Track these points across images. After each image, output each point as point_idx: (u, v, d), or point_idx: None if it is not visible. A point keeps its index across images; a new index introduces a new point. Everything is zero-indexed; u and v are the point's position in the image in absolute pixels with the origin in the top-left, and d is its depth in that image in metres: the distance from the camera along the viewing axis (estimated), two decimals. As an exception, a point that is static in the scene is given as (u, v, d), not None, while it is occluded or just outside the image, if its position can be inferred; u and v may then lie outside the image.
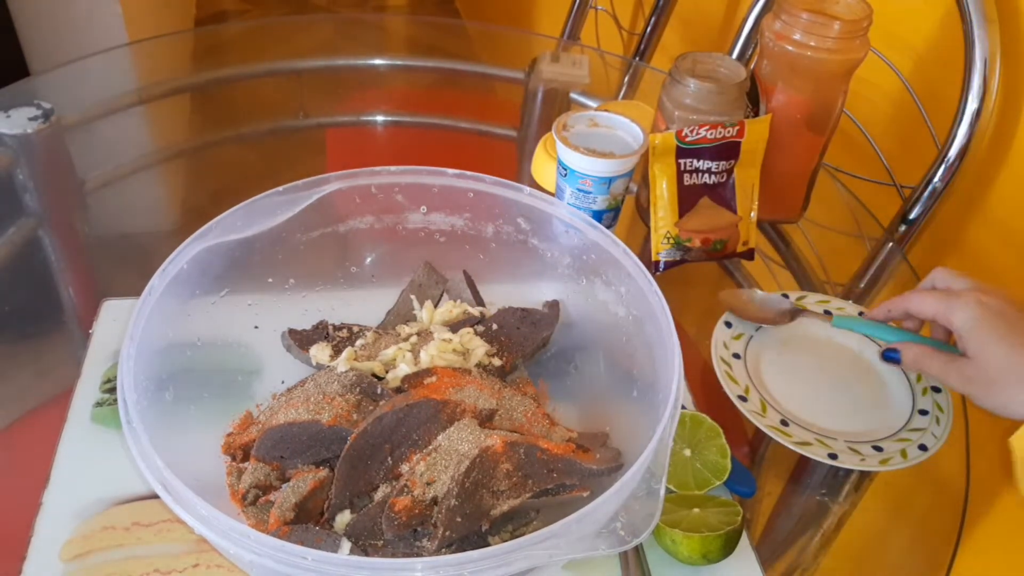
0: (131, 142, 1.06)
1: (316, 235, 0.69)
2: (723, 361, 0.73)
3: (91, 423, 0.65)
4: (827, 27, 0.78)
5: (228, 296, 0.65)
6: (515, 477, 0.54)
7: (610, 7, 1.54)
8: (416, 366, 0.63)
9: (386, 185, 0.69)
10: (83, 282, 0.85)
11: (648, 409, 0.57)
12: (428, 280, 0.73)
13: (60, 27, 1.75)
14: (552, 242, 0.69)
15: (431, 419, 0.56)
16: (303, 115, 1.13)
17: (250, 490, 0.57)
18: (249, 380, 0.67)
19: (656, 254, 0.83)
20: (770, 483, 0.69)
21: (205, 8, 2.89)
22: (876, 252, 0.95)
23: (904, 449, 0.67)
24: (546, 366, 0.70)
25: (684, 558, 0.58)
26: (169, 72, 1.20)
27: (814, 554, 0.64)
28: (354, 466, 0.56)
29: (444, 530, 0.51)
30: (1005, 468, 0.86)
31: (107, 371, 0.69)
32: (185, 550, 0.58)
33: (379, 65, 1.22)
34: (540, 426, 0.60)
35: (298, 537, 0.52)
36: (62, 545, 0.57)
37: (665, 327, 0.57)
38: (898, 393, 0.73)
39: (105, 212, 0.95)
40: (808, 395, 0.72)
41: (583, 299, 0.69)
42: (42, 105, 0.96)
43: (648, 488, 0.49)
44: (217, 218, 0.62)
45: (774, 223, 0.94)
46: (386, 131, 1.12)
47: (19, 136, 0.93)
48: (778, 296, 0.79)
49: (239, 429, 0.62)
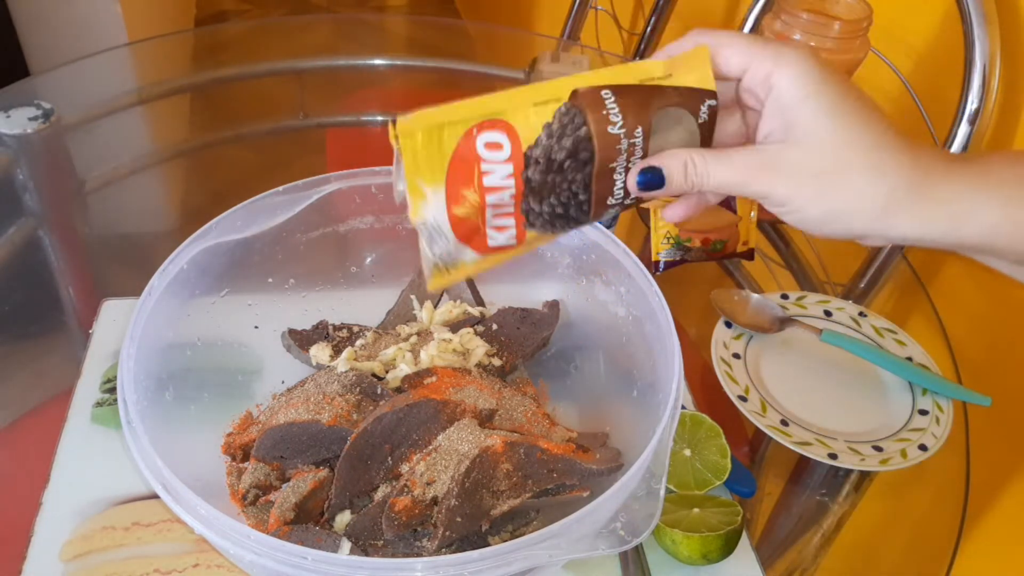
0: (131, 142, 1.06)
1: (316, 235, 0.69)
2: (723, 361, 0.73)
3: (91, 423, 0.65)
4: (827, 27, 0.78)
5: (228, 296, 0.65)
6: (515, 477, 0.54)
7: (610, 7, 1.54)
8: (416, 366, 0.63)
9: (386, 185, 0.69)
10: (83, 282, 0.85)
11: (648, 409, 0.56)
12: (428, 280, 0.73)
13: (60, 27, 1.75)
14: (552, 242, 0.69)
15: (431, 419, 0.56)
16: (303, 115, 1.13)
17: (250, 490, 0.57)
18: (249, 380, 0.67)
19: (656, 254, 0.83)
20: (770, 483, 0.69)
21: (205, 8, 2.89)
22: (876, 252, 0.94)
23: (904, 449, 0.67)
24: (546, 366, 0.70)
25: (684, 558, 0.58)
26: (169, 72, 1.20)
27: (814, 554, 0.64)
28: (354, 466, 0.56)
29: (444, 530, 0.51)
30: (1005, 468, 0.86)
31: (107, 371, 0.69)
32: (185, 550, 0.58)
33: (379, 65, 1.22)
34: (540, 426, 0.60)
35: (298, 537, 0.52)
36: (62, 545, 0.57)
37: (665, 327, 0.57)
38: (898, 393, 0.73)
39: (105, 212, 0.95)
40: (808, 395, 0.72)
41: (583, 299, 0.69)
42: (42, 105, 0.96)
43: (648, 488, 0.49)
44: (217, 218, 0.62)
45: (774, 223, 0.94)
46: (386, 131, 1.12)
47: (19, 136, 0.93)
48: (771, 302, 0.79)
49: (239, 429, 0.62)
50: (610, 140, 0.43)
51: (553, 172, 0.44)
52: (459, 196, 0.44)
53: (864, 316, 0.79)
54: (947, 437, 0.68)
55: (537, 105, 0.43)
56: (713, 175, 0.43)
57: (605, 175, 0.44)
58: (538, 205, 0.45)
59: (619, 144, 0.43)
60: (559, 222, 0.46)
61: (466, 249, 0.46)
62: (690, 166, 0.43)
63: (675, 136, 0.44)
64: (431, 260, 0.46)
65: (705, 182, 0.43)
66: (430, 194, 0.44)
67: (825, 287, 0.88)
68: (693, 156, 0.43)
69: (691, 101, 0.44)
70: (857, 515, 0.67)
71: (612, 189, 0.45)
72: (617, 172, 0.44)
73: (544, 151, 0.43)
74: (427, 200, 0.44)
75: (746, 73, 0.43)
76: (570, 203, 0.45)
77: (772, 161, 0.42)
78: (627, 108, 0.43)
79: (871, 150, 0.40)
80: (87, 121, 1.04)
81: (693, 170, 0.43)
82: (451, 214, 0.44)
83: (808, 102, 0.41)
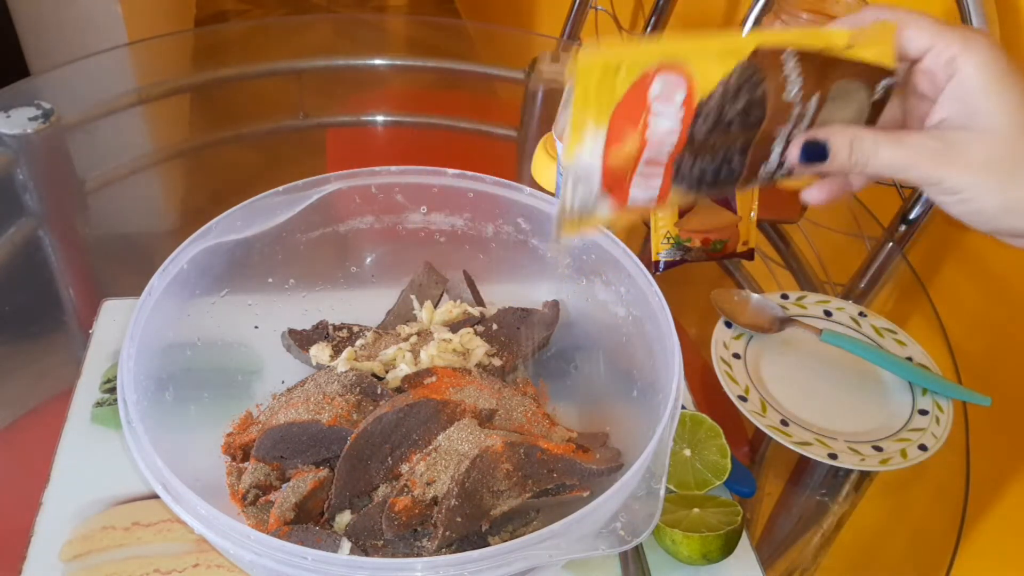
0: (131, 142, 1.06)
1: (316, 235, 0.69)
2: (723, 361, 0.73)
3: (91, 423, 0.65)
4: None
5: (228, 296, 0.65)
6: (515, 477, 0.54)
7: (610, 7, 1.54)
8: (416, 366, 0.63)
9: (386, 185, 0.69)
10: (83, 282, 0.85)
11: (648, 409, 0.56)
12: (428, 280, 0.73)
13: (60, 27, 1.75)
14: (552, 242, 0.69)
15: (431, 419, 0.56)
16: (303, 115, 1.13)
17: (250, 490, 0.57)
18: (249, 380, 0.67)
19: (656, 254, 0.83)
20: (770, 483, 0.69)
21: (205, 8, 2.89)
22: (876, 252, 0.94)
23: (904, 449, 0.67)
24: (546, 366, 0.70)
25: (684, 558, 0.58)
26: (169, 72, 1.20)
27: (814, 554, 0.64)
28: (354, 466, 0.56)
29: (444, 530, 0.51)
30: (1005, 468, 0.86)
31: (107, 371, 0.69)
32: (185, 550, 0.58)
33: (379, 65, 1.22)
34: (540, 426, 0.60)
35: (298, 537, 0.52)
36: (62, 545, 0.57)
37: (665, 327, 0.57)
38: (898, 393, 0.73)
39: (105, 212, 0.95)
40: (808, 395, 0.72)
41: (583, 299, 0.69)
42: (42, 105, 0.96)
43: (648, 488, 0.49)
44: (217, 218, 0.62)
45: (774, 223, 0.94)
46: (386, 131, 1.12)
47: (19, 136, 0.93)
48: (771, 301, 0.79)
49: (239, 429, 0.62)
50: (783, 107, 0.41)
51: (719, 130, 0.41)
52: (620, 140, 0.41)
53: (864, 316, 0.79)
54: (947, 437, 0.68)
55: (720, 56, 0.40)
56: (881, 155, 0.41)
57: (766, 142, 0.42)
58: (691, 162, 0.43)
59: (791, 111, 0.41)
60: (706, 184, 0.44)
61: (606, 200, 0.43)
62: (857, 143, 0.41)
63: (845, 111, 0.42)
64: (569, 206, 0.43)
65: (871, 162, 0.41)
66: (591, 134, 0.41)
67: (825, 287, 0.88)
68: (862, 133, 0.41)
69: (870, 76, 0.42)
70: (857, 515, 0.67)
71: (769, 157, 0.43)
72: (778, 141, 0.42)
73: (716, 106, 0.41)
74: (585, 140, 0.41)
75: (928, 53, 0.41)
76: (722, 166, 0.43)
77: (950, 147, 0.40)
78: (808, 75, 0.41)
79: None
80: (87, 121, 1.04)
81: (860, 147, 0.41)
82: (606, 159, 0.42)
83: (996, 90, 0.39)
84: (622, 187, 0.43)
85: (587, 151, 0.42)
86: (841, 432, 0.69)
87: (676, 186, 0.44)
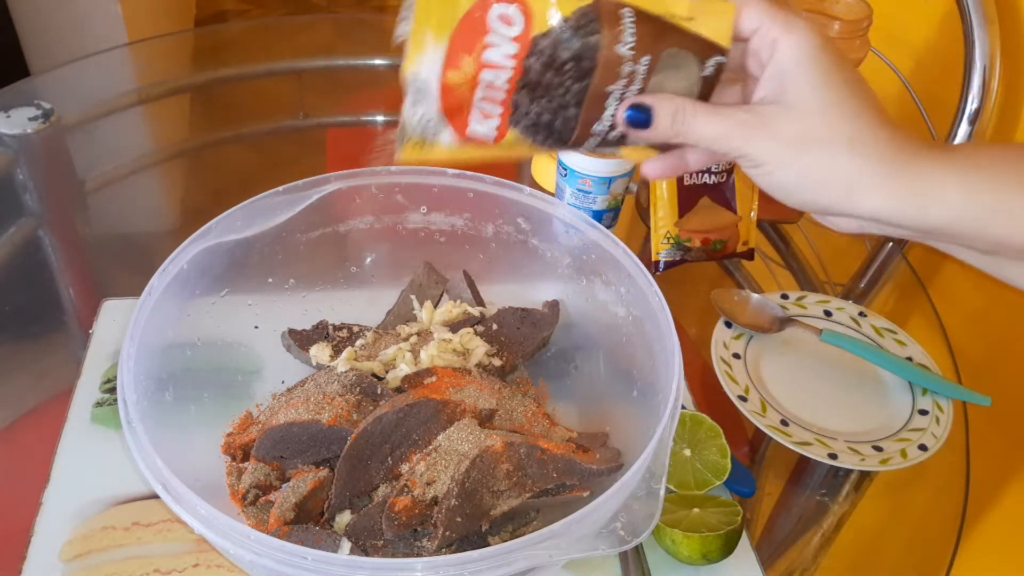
0: (131, 142, 1.06)
1: (316, 235, 0.69)
2: (723, 361, 0.73)
3: (91, 423, 0.65)
4: (827, 27, 0.78)
5: (228, 296, 0.65)
6: (515, 477, 0.54)
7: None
8: (416, 366, 0.63)
9: (386, 185, 0.69)
10: (83, 282, 0.85)
11: (648, 409, 0.56)
12: (428, 280, 0.73)
13: (60, 27, 1.75)
14: (552, 242, 0.69)
15: (431, 419, 0.56)
16: (303, 115, 1.13)
17: (250, 490, 0.57)
18: (249, 380, 0.67)
19: (656, 254, 0.83)
20: (770, 483, 0.69)
21: (205, 8, 2.89)
22: (876, 252, 0.94)
23: (904, 449, 0.67)
24: (546, 366, 0.70)
25: (684, 558, 0.58)
26: (169, 72, 1.20)
27: (814, 554, 0.64)
28: (354, 466, 0.56)
29: (444, 530, 0.51)
30: (1005, 468, 0.86)
31: (107, 371, 0.69)
32: (185, 550, 0.58)
33: (379, 65, 1.22)
34: (540, 426, 0.60)
35: (298, 537, 0.52)
36: (62, 545, 0.57)
37: (665, 327, 0.57)
38: (898, 393, 0.73)
39: (105, 212, 0.95)
40: (808, 395, 0.72)
41: (583, 299, 0.69)
42: (42, 105, 0.96)
43: (648, 488, 0.49)
44: (217, 218, 0.62)
45: (774, 223, 0.94)
46: (386, 131, 1.12)
47: (19, 136, 0.93)
48: (771, 301, 0.79)
49: (239, 429, 0.62)
50: (615, 59, 0.42)
51: (553, 70, 0.42)
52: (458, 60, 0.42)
53: (864, 316, 0.79)
54: (947, 437, 0.68)
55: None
56: (699, 126, 0.42)
57: (599, 98, 0.43)
58: (527, 102, 0.43)
59: (622, 66, 0.42)
60: (542, 132, 0.45)
61: (446, 126, 0.44)
62: (679, 113, 0.43)
63: (676, 81, 0.43)
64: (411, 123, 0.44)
65: (690, 131, 0.43)
66: (430, 48, 0.41)
67: (825, 287, 0.88)
68: (685, 104, 0.43)
69: (703, 51, 0.43)
70: (857, 515, 0.67)
71: (601, 115, 0.44)
72: (611, 98, 0.43)
73: (552, 44, 0.42)
74: (425, 53, 0.42)
75: (755, 34, 0.42)
76: (558, 113, 0.44)
77: (757, 120, 0.42)
78: (643, 34, 0.42)
79: (851, 119, 0.41)
80: (87, 121, 1.04)
81: (682, 117, 0.43)
82: (444, 77, 0.42)
83: (803, 68, 0.41)
84: (462, 116, 0.44)
85: (426, 65, 0.42)
86: (841, 432, 0.69)
87: (514, 128, 0.44)
